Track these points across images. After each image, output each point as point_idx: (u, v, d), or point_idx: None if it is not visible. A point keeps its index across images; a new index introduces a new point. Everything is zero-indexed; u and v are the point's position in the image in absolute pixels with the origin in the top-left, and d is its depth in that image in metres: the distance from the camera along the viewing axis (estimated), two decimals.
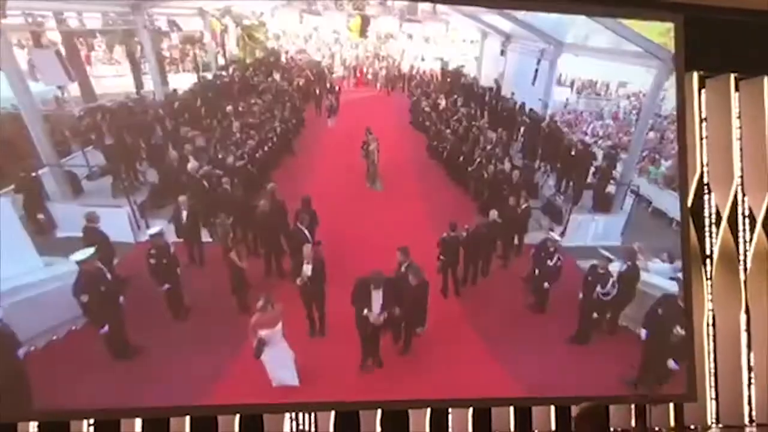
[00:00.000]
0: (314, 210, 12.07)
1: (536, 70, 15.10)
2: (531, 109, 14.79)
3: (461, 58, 14.60)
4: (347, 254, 12.38)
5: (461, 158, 14.52)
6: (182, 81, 12.60)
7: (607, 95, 15.07)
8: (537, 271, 13.00)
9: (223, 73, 13.09)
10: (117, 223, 11.67)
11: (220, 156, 12.36)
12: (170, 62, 12.67)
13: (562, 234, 14.22)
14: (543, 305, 12.90)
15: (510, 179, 14.17)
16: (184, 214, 11.82)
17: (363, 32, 13.84)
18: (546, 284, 12.82)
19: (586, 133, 14.73)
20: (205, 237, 12.00)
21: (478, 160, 14.43)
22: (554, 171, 14.80)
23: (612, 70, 14.94)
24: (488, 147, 14.47)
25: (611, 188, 14.20)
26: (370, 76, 14.34)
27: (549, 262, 13.16)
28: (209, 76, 12.84)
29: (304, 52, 13.80)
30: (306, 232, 12.18)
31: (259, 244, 12.19)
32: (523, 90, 14.98)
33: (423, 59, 14.49)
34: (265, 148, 13.15)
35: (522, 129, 14.88)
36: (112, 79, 12.34)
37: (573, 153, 14.73)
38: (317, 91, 13.97)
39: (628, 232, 13.80)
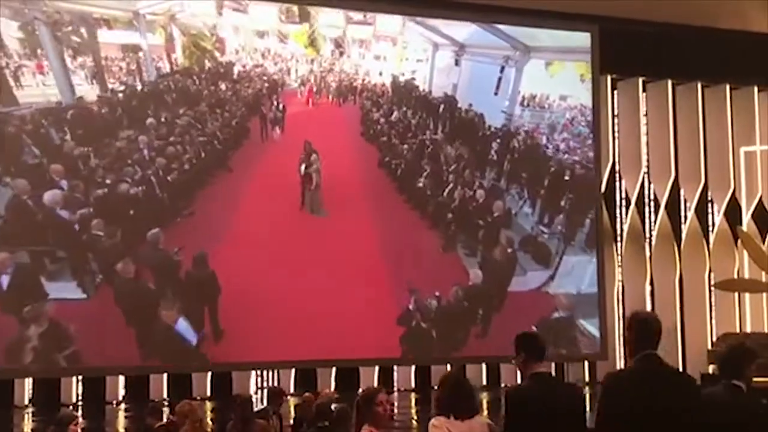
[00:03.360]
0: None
1: (499, 79, 14.12)
2: (493, 125, 13.92)
3: (412, 71, 13.83)
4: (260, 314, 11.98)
5: (419, 178, 13.52)
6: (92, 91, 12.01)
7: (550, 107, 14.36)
8: None
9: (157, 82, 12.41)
10: None
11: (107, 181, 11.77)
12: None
13: (552, 278, 13.58)
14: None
15: (477, 204, 13.40)
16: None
17: (312, 44, 13.32)
18: None
19: (547, 147, 14.22)
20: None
21: (437, 180, 13.44)
22: (531, 195, 13.87)
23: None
24: (451, 166, 13.55)
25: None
26: (322, 89, 13.52)
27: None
28: (138, 85, 12.28)
29: (261, 66, 13.25)
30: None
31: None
32: (483, 101, 14.10)
33: (376, 74, 13.70)
34: (185, 167, 12.34)
35: (488, 144, 13.95)
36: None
37: (551, 173, 13.84)
38: (264, 104, 13.06)
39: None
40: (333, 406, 7.70)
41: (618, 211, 15.19)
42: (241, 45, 13.04)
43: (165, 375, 12.52)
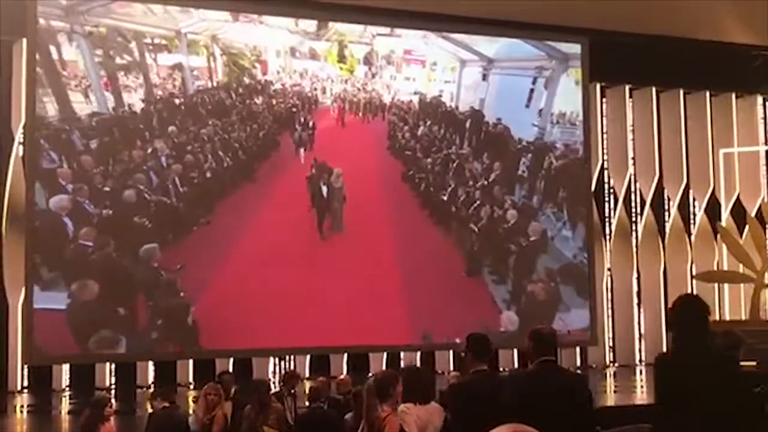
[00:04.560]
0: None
1: (531, 91, 13.54)
2: (525, 138, 13.29)
3: (439, 90, 13.52)
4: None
5: (443, 193, 12.86)
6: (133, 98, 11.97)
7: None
8: None
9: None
10: None
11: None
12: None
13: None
14: None
15: (509, 226, 12.64)
16: None
17: (341, 60, 13.36)
18: None
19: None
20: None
21: (462, 197, 12.95)
22: (571, 216, 13.07)
23: None
24: (478, 181, 12.90)
25: None
26: (353, 107, 13.28)
27: None
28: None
29: (298, 85, 13.29)
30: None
31: None
32: (513, 114, 13.40)
33: (405, 93, 13.45)
34: (207, 174, 12.22)
35: (517, 160, 13.36)
36: None
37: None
38: (296, 119, 13.04)
39: None
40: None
41: (607, 208, 15.42)
42: (281, 66, 13.21)
43: (191, 362, 12.88)
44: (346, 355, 13.29)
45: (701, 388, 3.88)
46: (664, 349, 11.27)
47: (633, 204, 15.68)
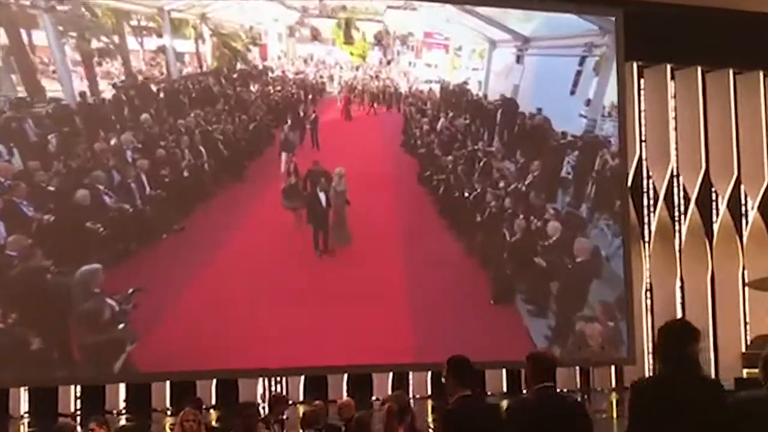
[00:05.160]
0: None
1: (578, 73, 12.21)
2: (570, 132, 11.96)
3: (465, 77, 12.32)
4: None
5: (466, 198, 11.67)
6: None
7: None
8: None
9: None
10: None
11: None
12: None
13: None
14: None
15: (550, 243, 11.20)
16: None
17: (348, 41, 12.52)
18: None
19: None
20: None
21: (491, 203, 11.57)
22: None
23: None
24: (510, 185, 11.48)
25: None
26: (363, 97, 12.35)
27: None
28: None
29: (302, 72, 12.41)
30: None
31: None
32: (555, 103, 12.08)
33: (424, 81, 12.50)
34: (185, 174, 11.24)
35: (560, 158, 11.98)
36: None
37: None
38: (297, 110, 12.11)
39: None
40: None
41: (645, 206, 14.70)
42: (283, 51, 12.36)
43: (168, 384, 12.05)
44: (345, 376, 12.58)
45: (687, 416, 3.90)
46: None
47: (675, 201, 14.92)
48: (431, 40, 12.62)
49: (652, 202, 14.67)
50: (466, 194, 11.72)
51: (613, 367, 13.91)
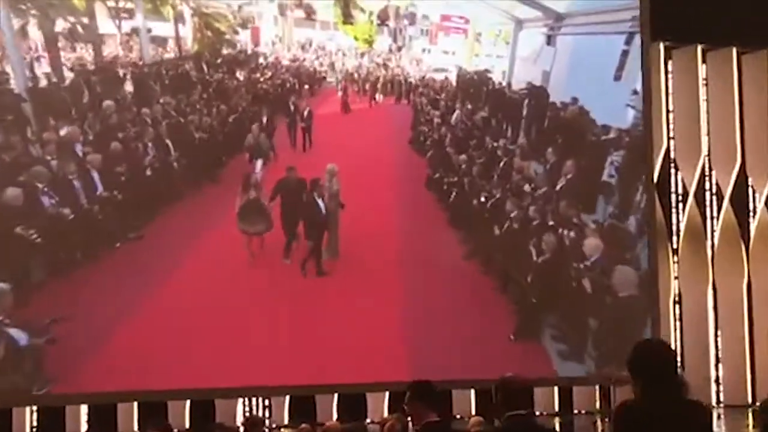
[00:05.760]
0: None
1: (624, 54, 10.92)
2: (614, 126, 10.66)
3: (486, 62, 11.25)
4: None
5: (483, 205, 10.32)
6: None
7: None
8: None
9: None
10: None
11: None
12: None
13: None
14: None
15: (590, 265, 9.70)
16: None
17: (346, 19, 11.70)
18: None
19: None
20: None
21: (512, 213, 10.10)
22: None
23: None
24: (538, 191, 10.14)
25: None
26: (367, 87, 11.58)
27: None
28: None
29: (298, 60, 11.54)
30: None
31: None
32: (595, 91, 10.92)
33: (436, 69, 11.46)
34: (147, 173, 10.33)
35: (602, 158, 10.68)
36: None
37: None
38: (288, 102, 11.36)
39: None
40: None
41: (674, 204, 14.09)
42: (278, 35, 11.46)
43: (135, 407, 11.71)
44: (336, 396, 12.20)
45: None
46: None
47: (707, 198, 14.41)
48: (449, 24, 11.67)
49: (680, 199, 14.15)
50: (483, 201, 10.35)
51: None
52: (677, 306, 13.94)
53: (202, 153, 10.89)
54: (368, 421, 11.75)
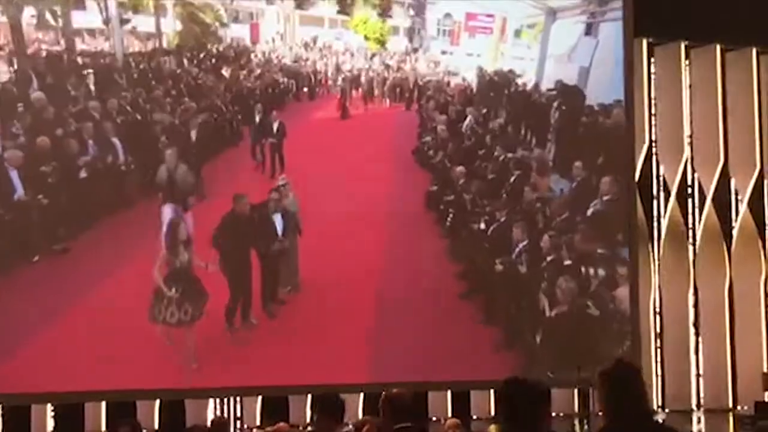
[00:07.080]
0: None
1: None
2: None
3: (512, 62, 10.18)
4: None
5: (486, 232, 8.92)
6: None
7: None
8: None
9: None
10: None
11: None
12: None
13: None
14: None
15: (617, 305, 8.61)
16: None
17: (345, 10, 11.00)
18: None
19: None
20: None
21: (523, 244, 8.66)
22: None
23: None
24: (562, 214, 8.65)
25: None
26: (373, 92, 10.75)
27: None
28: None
29: (299, 60, 10.79)
30: None
31: None
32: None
33: (453, 73, 10.57)
34: (82, 174, 9.43)
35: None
36: None
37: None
38: (274, 105, 10.52)
39: None
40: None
41: (655, 204, 13.97)
42: (279, 32, 10.71)
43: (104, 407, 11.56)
44: (309, 396, 11.74)
45: None
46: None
47: (689, 198, 14.30)
48: (475, 23, 10.75)
49: (662, 200, 14.04)
50: (483, 226, 9.14)
51: None
52: (658, 311, 13.73)
53: (156, 155, 9.76)
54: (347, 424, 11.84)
